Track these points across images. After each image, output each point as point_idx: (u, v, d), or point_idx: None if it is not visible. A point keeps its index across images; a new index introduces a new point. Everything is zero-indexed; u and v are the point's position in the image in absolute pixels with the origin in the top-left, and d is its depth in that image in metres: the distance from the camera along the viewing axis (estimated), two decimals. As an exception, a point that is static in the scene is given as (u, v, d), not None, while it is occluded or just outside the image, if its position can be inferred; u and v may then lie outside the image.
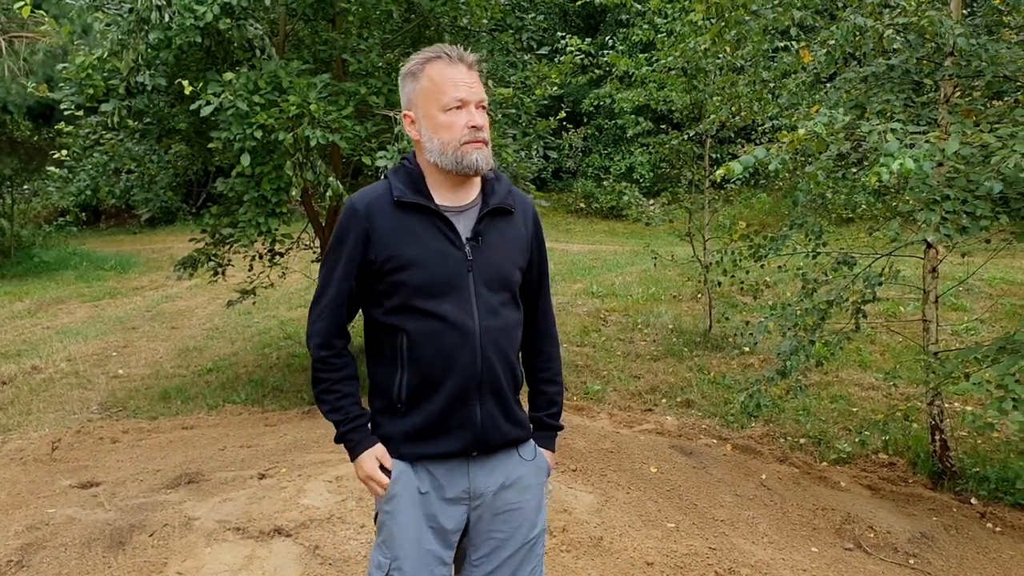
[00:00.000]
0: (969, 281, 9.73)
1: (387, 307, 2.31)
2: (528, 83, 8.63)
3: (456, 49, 2.32)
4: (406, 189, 2.32)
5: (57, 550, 4.41)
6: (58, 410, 7.62)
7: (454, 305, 2.28)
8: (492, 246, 2.36)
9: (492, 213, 2.38)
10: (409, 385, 2.31)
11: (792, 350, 5.71)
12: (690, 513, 5.15)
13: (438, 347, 2.27)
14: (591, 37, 14.44)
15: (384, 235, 2.28)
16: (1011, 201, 4.94)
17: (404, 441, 2.34)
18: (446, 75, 2.28)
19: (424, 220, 2.30)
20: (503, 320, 2.36)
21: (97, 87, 6.48)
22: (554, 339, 2.64)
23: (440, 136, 2.28)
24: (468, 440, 2.33)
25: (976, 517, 5.49)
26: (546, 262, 2.59)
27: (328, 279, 2.36)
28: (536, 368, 2.61)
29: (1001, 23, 6.22)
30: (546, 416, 2.60)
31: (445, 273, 2.28)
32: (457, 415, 2.31)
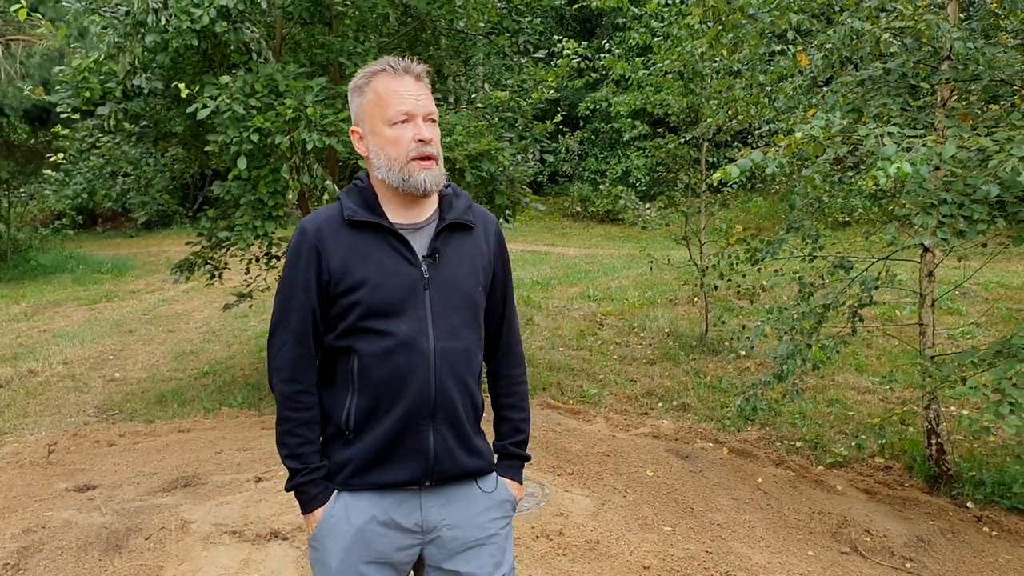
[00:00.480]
0: (965, 285, 9.75)
1: (340, 330, 2.18)
2: (525, 86, 8.64)
3: (402, 61, 2.21)
4: (358, 208, 2.21)
5: (53, 553, 4.40)
6: (54, 413, 7.60)
7: (409, 325, 2.16)
8: (450, 263, 2.24)
9: (450, 228, 2.26)
10: (359, 409, 2.18)
11: (788, 354, 5.71)
12: (687, 517, 5.15)
13: (390, 368, 2.15)
14: (588, 41, 14.44)
15: (336, 256, 2.17)
16: (1008, 205, 4.94)
17: (352, 472, 2.20)
18: (391, 88, 2.18)
19: (377, 239, 2.19)
20: (462, 342, 2.23)
21: (93, 90, 6.48)
22: (520, 361, 2.50)
23: (387, 151, 2.18)
24: (419, 469, 2.19)
25: (972, 521, 5.49)
26: (511, 280, 2.46)
27: (286, 307, 2.22)
28: (501, 392, 2.46)
29: (998, 27, 6.24)
30: (510, 444, 2.44)
31: (400, 292, 2.17)
32: (408, 442, 2.17)
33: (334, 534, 2.19)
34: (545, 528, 4.60)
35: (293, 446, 2.21)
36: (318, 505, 2.21)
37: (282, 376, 2.22)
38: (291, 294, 2.21)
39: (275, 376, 2.23)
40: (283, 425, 2.22)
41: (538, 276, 13.81)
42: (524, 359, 2.53)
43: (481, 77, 8.98)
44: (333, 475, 2.23)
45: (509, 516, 2.38)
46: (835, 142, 4.69)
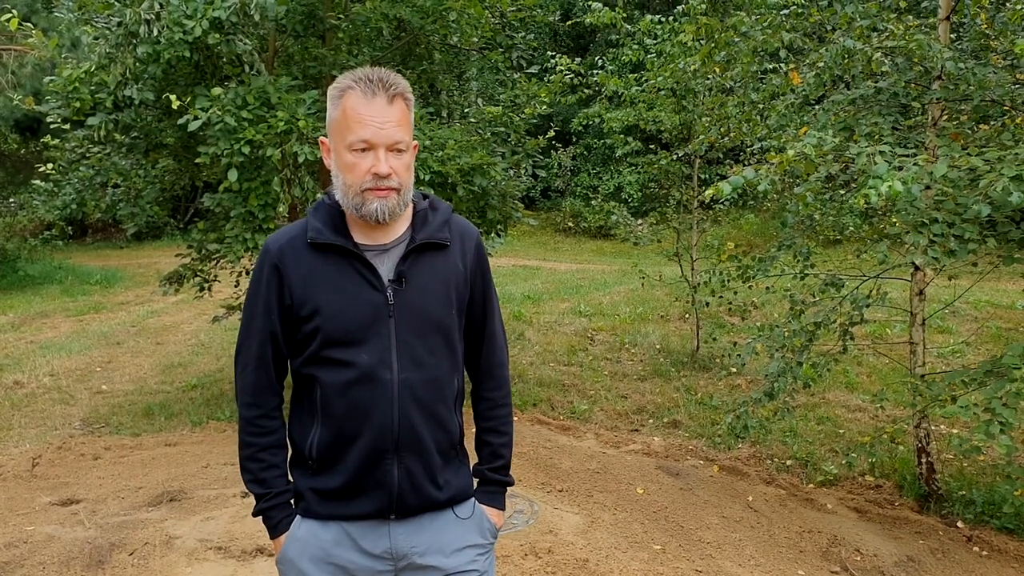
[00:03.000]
0: (956, 304, 9.76)
1: (303, 357, 2.11)
2: (518, 102, 8.65)
3: (378, 76, 2.04)
4: (324, 228, 2.10)
5: (35, 568, 4.35)
6: (40, 426, 7.53)
7: (370, 355, 2.06)
8: (419, 287, 2.12)
9: (420, 249, 2.14)
10: (320, 442, 2.11)
11: (779, 371, 5.70)
12: (677, 535, 5.12)
13: (351, 401, 2.07)
14: (581, 57, 14.48)
15: (297, 280, 2.08)
16: (998, 224, 4.96)
17: (317, 500, 2.14)
18: (358, 110, 2.01)
19: (341, 262, 2.09)
20: (429, 371, 2.12)
21: (84, 100, 6.45)
22: (502, 383, 2.36)
23: (344, 176, 2.06)
24: (383, 503, 2.11)
25: (963, 540, 5.48)
26: (492, 297, 2.32)
27: (249, 329, 2.15)
28: (481, 415, 2.36)
29: (988, 47, 6.27)
30: (489, 470, 2.34)
31: (361, 320, 2.07)
32: (371, 476, 2.09)
33: (303, 556, 2.14)
34: (534, 546, 4.57)
35: (255, 471, 2.16)
36: (284, 530, 2.16)
37: (244, 400, 2.16)
38: (252, 317, 2.14)
39: (240, 399, 2.18)
40: (245, 450, 2.16)
41: (529, 291, 13.80)
42: (508, 381, 2.41)
43: (474, 92, 9.00)
44: (298, 500, 2.18)
45: (489, 544, 2.29)
46: (827, 160, 4.69)
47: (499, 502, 2.34)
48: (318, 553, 2.13)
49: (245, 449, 2.16)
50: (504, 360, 2.38)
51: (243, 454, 2.17)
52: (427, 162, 6.28)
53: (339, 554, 2.13)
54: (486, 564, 2.26)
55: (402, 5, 7.32)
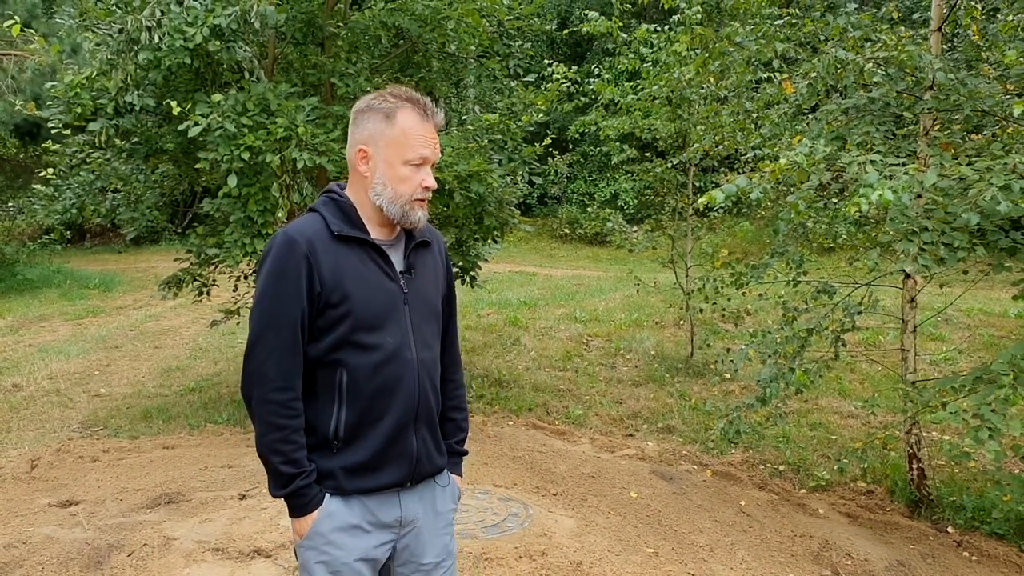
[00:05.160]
0: (948, 311, 9.84)
1: (327, 343, 2.26)
2: (514, 109, 8.71)
3: (428, 103, 2.31)
4: (343, 224, 2.30)
5: (34, 569, 4.39)
6: (38, 428, 7.57)
7: (394, 337, 2.29)
8: (421, 278, 2.41)
9: (417, 246, 2.42)
10: (348, 422, 2.27)
11: (772, 377, 5.76)
12: (670, 538, 5.17)
13: (381, 381, 2.27)
14: (577, 65, 14.58)
15: (328, 269, 2.24)
16: (988, 233, 5.02)
17: (344, 476, 2.29)
18: (418, 130, 2.27)
19: (362, 254, 2.30)
20: (433, 351, 2.43)
21: (85, 106, 6.50)
22: (461, 366, 2.68)
23: (396, 187, 2.28)
24: (405, 472, 2.35)
25: (953, 546, 5.53)
26: (455, 292, 2.64)
27: (276, 318, 2.23)
28: (448, 395, 2.59)
29: (980, 58, 6.34)
30: (455, 443, 2.61)
31: (385, 306, 2.29)
32: (397, 447, 2.32)
33: (341, 531, 2.30)
34: (529, 548, 4.62)
35: (289, 452, 2.24)
36: (316, 507, 2.29)
37: (275, 385, 2.23)
38: (281, 305, 2.23)
39: (265, 386, 2.23)
40: (276, 432, 2.23)
41: (525, 297, 13.85)
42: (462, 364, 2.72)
43: (471, 99, 9.05)
44: (322, 480, 2.31)
45: (456, 506, 2.59)
46: (819, 169, 4.75)
47: (460, 470, 2.65)
48: (345, 525, 2.30)
49: (277, 432, 2.23)
50: (459, 346, 2.70)
51: (274, 437, 2.23)
52: (425, 168, 6.33)
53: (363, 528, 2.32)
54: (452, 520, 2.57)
55: (401, 14, 7.38)
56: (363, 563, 2.31)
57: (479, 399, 8.53)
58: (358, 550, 2.30)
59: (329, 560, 2.28)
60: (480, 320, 12.11)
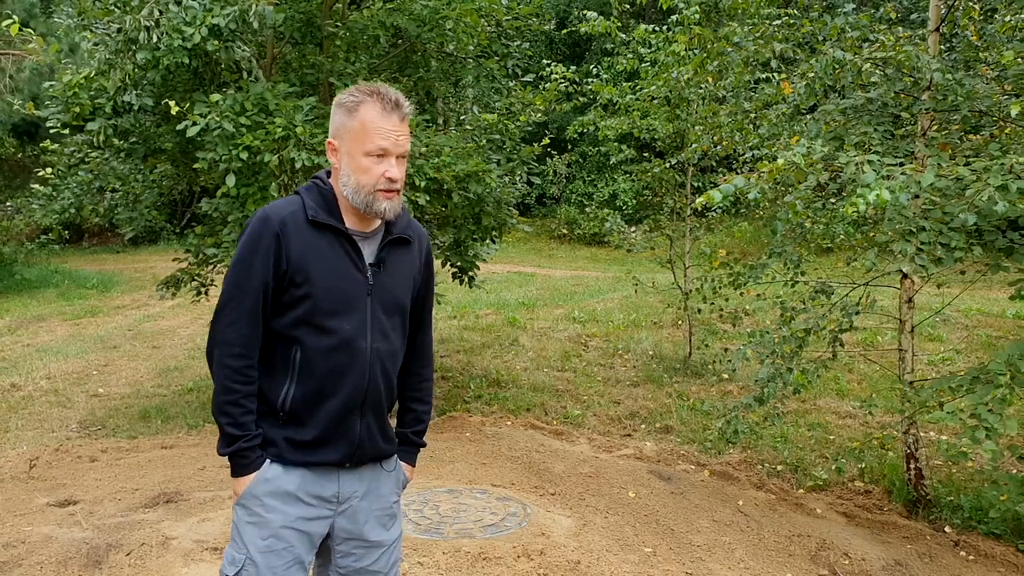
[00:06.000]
0: (946, 312, 9.85)
1: (287, 319, 2.38)
2: (513, 109, 8.72)
3: (393, 95, 2.37)
4: (319, 209, 2.39)
5: (32, 568, 4.39)
6: (37, 428, 7.57)
7: (352, 325, 2.38)
8: (391, 273, 2.48)
9: (394, 242, 2.49)
10: (295, 397, 2.39)
11: (770, 377, 5.76)
12: (667, 538, 5.18)
13: (332, 364, 2.37)
14: (576, 65, 14.57)
15: (296, 249, 2.34)
16: (985, 233, 5.03)
17: (287, 447, 2.40)
18: (377, 123, 2.34)
19: (334, 241, 2.39)
20: (392, 343, 2.49)
21: (83, 106, 6.51)
22: (430, 362, 2.77)
23: (358, 177, 2.36)
24: (346, 452, 2.44)
25: (950, 545, 5.54)
26: (432, 291, 2.73)
27: (242, 285, 2.36)
28: (410, 387, 2.70)
29: (978, 59, 6.35)
30: (411, 433, 2.72)
31: (348, 294, 2.38)
32: (341, 428, 2.41)
33: (274, 496, 2.40)
34: (527, 548, 4.62)
35: (237, 415, 2.37)
36: (255, 468, 2.40)
37: (233, 351, 2.36)
38: (248, 275, 2.35)
39: (224, 350, 2.37)
40: (228, 395, 2.36)
41: (524, 297, 13.86)
42: (433, 360, 2.81)
43: (470, 99, 9.06)
44: (266, 446, 2.43)
45: (401, 492, 2.68)
46: (817, 169, 4.76)
47: (414, 460, 2.75)
48: (280, 492, 2.40)
49: (228, 395, 2.37)
50: (432, 343, 2.79)
51: (224, 399, 2.37)
52: (423, 169, 6.34)
53: (300, 498, 2.42)
54: (398, 508, 2.66)
55: (399, 13, 7.38)
56: (293, 532, 2.40)
57: (477, 399, 8.54)
58: (289, 517, 2.39)
59: (258, 522, 2.39)
60: (478, 320, 12.11)
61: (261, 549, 2.38)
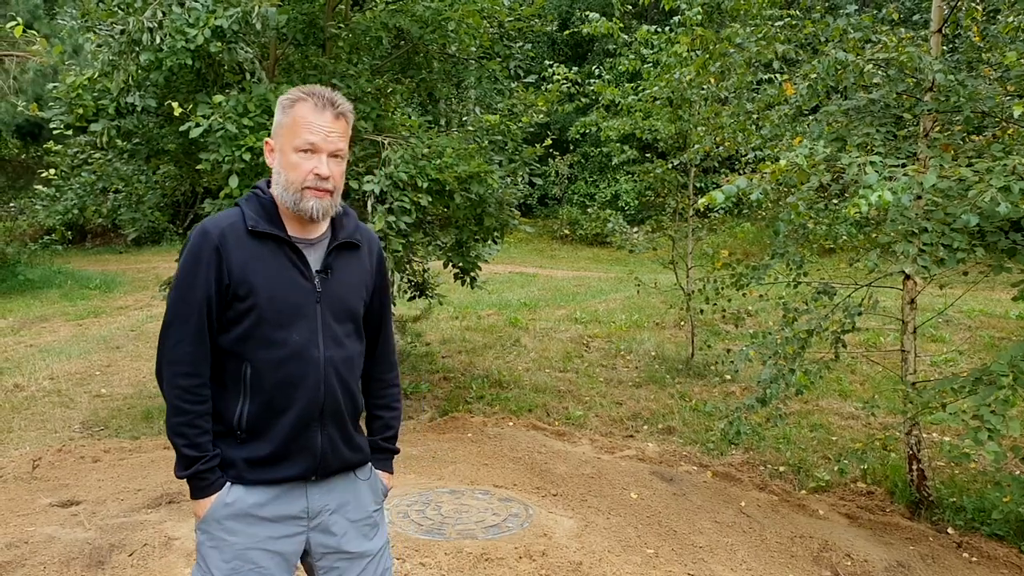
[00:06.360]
0: (949, 313, 9.84)
1: (234, 334, 2.32)
2: (515, 110, 8.72)
3: (328, 94, 2.35)
4: (259, 219, 2.34)
5: (35, 569, 4.40)
6: (39, 428, 7.58)
7: (301, 335, 2.33)
8: (339, 279, 2.43)
9: (341, 247, 2.44)
10: (251, 413, 2.33)
11: (772, 378, 5.76)
12: (669, 539, 5.18)
13: (283, 376, 2.32)
14: (578, 66, 14.59)
15: (237, 262, 2.29)
16: (988, 234, 5.03)
17: (246, 467, 2.34)
18: (308, 118, 2.31)
19: (276, 250, 2.34)
20: (347, 350, 2.43)
21: (87, 107, 6.52)
22: (393, 367, 2.71)
23: (287, 174, 2.33)
24: (309, 465, 2.37)
25: (953, 547, 5.54)
26: (388, 294, 2.67)
27: (185, 302, 2.31)
28: (375, 394, 2.65)
29: (980, 60, 6.35)
30: (381, 440, 2.65)
31: (294, 303, 2.33)
32: (299, 441, 2.35)
33: (237, 519, 2.33)
34: (529, 549, 4.63)
35: (192, 436, 2.31)
36: (215, 491, 2.34)
37: (181, 370, 2.30)
38: (191, 292, 2.30)
39: (173, 369, 2.31)
40: (181, 417, 2.30)
41: (526, 298, 13.86)
42: (397, 364, 2.75)
43: (472, 100, 9.06)
44: (225, 468, 2.36)
45: (382, 500, 2.62)
46: (819, 170, 4.76)
47: (389, 467, 2.69)
48: (243, 514, 2.34)
49: (181, 416, 2.30)
50: (395, 347, 2.74)
51: (177, 420, 2.31)
52: (425, 170, 6.35)
53: (265, 518, 2.35)
54: (379, 516, 2.60)
55: (401, 15, 7.39)
56: (263, 553, 2.34)
57: (479, 400, 8.54)
58: (255, 538, 2.34)
59: (220, 545, 2.33)
60: (480, 321, 12.12)
61: (226, 573, 2.33)
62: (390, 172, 6.19)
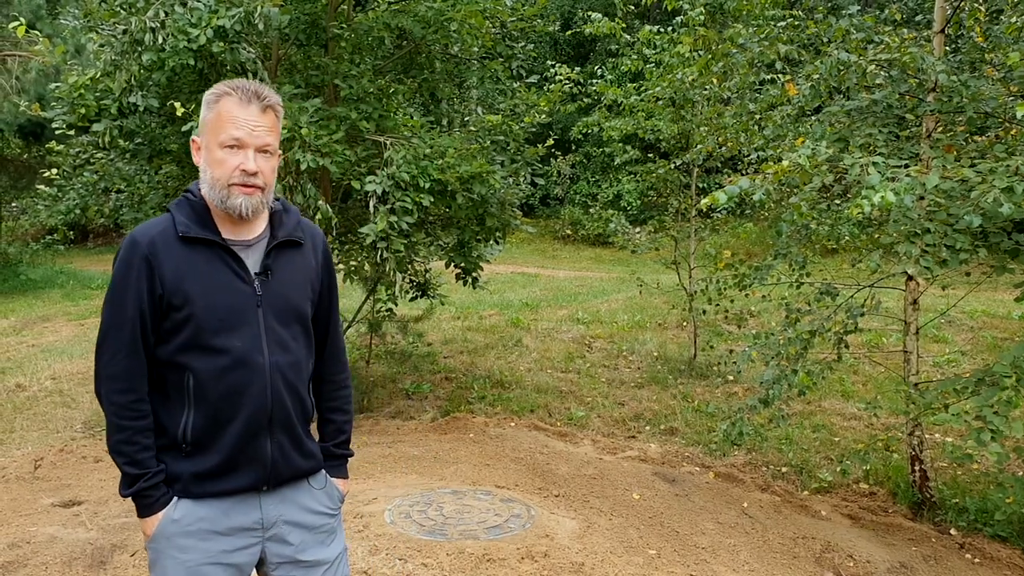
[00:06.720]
0: (951, 314, 9.83)
1: (173, 345, 2.23)
2: (517, 111, 8.72)
3: (254, 87, 2.26)
4: (191, 223, 2.25)
5: (37, 569, 4.40)
6: (41, 428, 7.59)
7: (243, 341, 2.24)
8: (281, 280, 2.33)
9: (281, 246, 2.35)
10: (195, 425, 2.24)
11: (775, 379, 5.75)
12: (672, 540, 5.18)
13: (227, 385, 2.23)
14: (580, 66, 14.59)
15: (169, 271, 2.20)
16: (990, 235, 5.02)
17: (192, 481, 2.25)
18: (232, 112, 2.22)
19: (211, 255, 2.25)
20: (293, 355, 2.34)
21: (89, 107, 6.52)
22: (345, 367, 2.62)
23: (213, 171, 2.23)
24: (259, 476, 2.29)
25: (955, 548, 5.53)
26: (336, 292, 2.57)
27: (117, 316, 2.22)
28: (326, 397, 2.57)
29: (983, 60, 6.34)
30: (334, 445, 2.56)
31: (234, 309, 2.24)
32: (248, 452, 2.27)
33: (187, 535, 2.25)
34: (530, 550, 4.62)
35: (131, 453, 2.22)
36: (161, 507, 2.25)
37: (117, 386, 2.23)
38: (122, 305, 2.22)
39: (110, 385, 2.24)
40: (120, 434, 2.22)
41: (527, 298, 13.86)
42: (348, 364, 2.65)
43: (474, 100, 9.07)
44: (171, 482, 2.27)
45: (338, 508, 2.54)
46: (821, 170, 4.75)
47: (343, 472, 2.60)
48: (193, 529, 2.25)
49: (120, 433, 2.22)
50: (344, 346, 2.65)
51: (117, 438, 2.22)
52: (427, 170, 6.34)
53: (217, 531, 2.27)
54: (336, 524, 2.51)
55: (404, 15, 7.39)
56: (216, 567, 2.26)
57: (481, 400, 8.54)
58: (208, 553, 2.25)
59: (172, 563, 2.25)
60: (482, 321, 12.11)
61: None
62: (392, 172, 6.18)
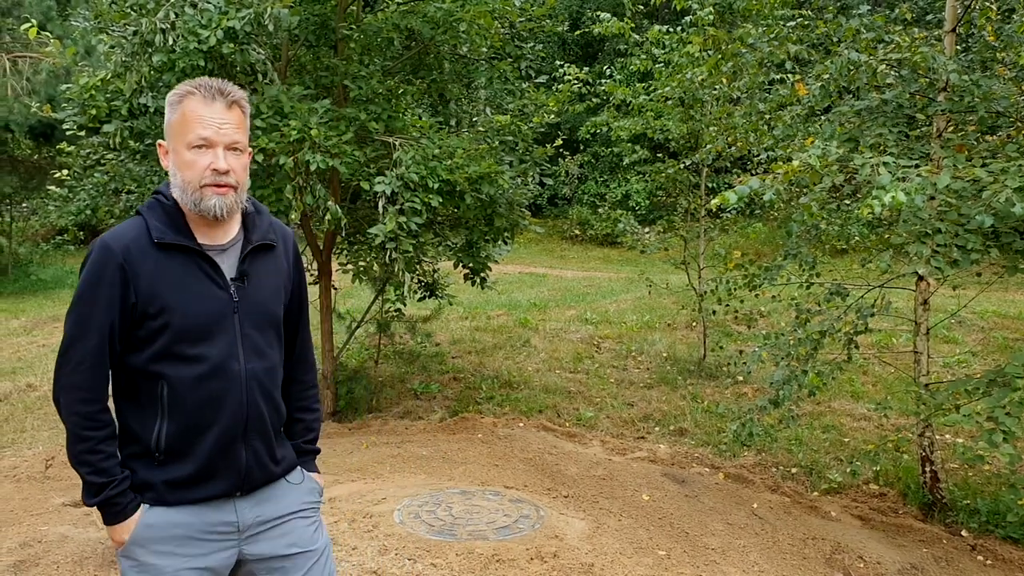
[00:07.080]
0: (962, 314, 9.79)
1: (147, 354, 2.18)
2: (526, 111, 8.72)
3: (217, 84, 2.20)
4: (166, 229, 2.19)
5: (49, 568, 4.42)
6: (52, 428, 7.61)
7: (220, 349, 2.20)
8: (257, 285, 2.30)
9: (256, 250, 2.32)
10: (169, 434, 2.20)
11: (785, 379, 5.74)
12: (681, 541, 5.17)
13: (203, 393, 2.19)
14: (589, 66, 14.56)
15: (144, 278, 2.15)
16: (1002, 235, 4.99)
17: (166, 489, 2.21)
18: (197, 111, 2.17)
19: (186, 261, 2.20)
20: (269, 360, 2.32)
21: (100, 108, 6.54)
22: (312, 367, 2.61)
23: (183, 174, 2.18)
24: (233, 483, 2.27)
25: (966, 549, 5.51)
26: (306, 291, 2.56)
27: (85, 326, 2.16)
28: (295, 397, 2.54)
29: (994, 59, 6.31)
30: (303, 443, 2.55)
31: (210, 316, 2.20)
32: (223, 460, 2.24)
33: (164, 541, 2.21)
34: (540, 550, 4.62)
35: (96, 462, 2.17)
36: (130, 514, 2.20)
37: (81, 396, 2.17)
38: (91, 312, 2.16)
39: (72, 395, 2.18)
40: (82, 444, 2.17)
41: (536, 298, 13.86)
42: (315, 364, 2.65)
43: (483, 101, 9.06)
44: (142, 490, 2.23)
45: (318, 501, 2.53)
46: (832, 170, 4.74)
47: (314, 467, 2.58)
48: (167, 535, 2.22)
49: (82, 443, 2.17)
50: (312, 346, 2.64)
51: (79, 448, 2.17)
52: (436, 170, 6.35)
53: (192, 537, 2.23)
54: (318, 516, 2.50)
55: (413, 16, 7.40)
56: (192, 572, 2.22)
57: (489, 400, 8.54)
58: (183, 558, 2.22)
59: (150, 571, 2.21)
60: (490, 321, 12.11)
61: None
62: (401, 173, 6.19)
